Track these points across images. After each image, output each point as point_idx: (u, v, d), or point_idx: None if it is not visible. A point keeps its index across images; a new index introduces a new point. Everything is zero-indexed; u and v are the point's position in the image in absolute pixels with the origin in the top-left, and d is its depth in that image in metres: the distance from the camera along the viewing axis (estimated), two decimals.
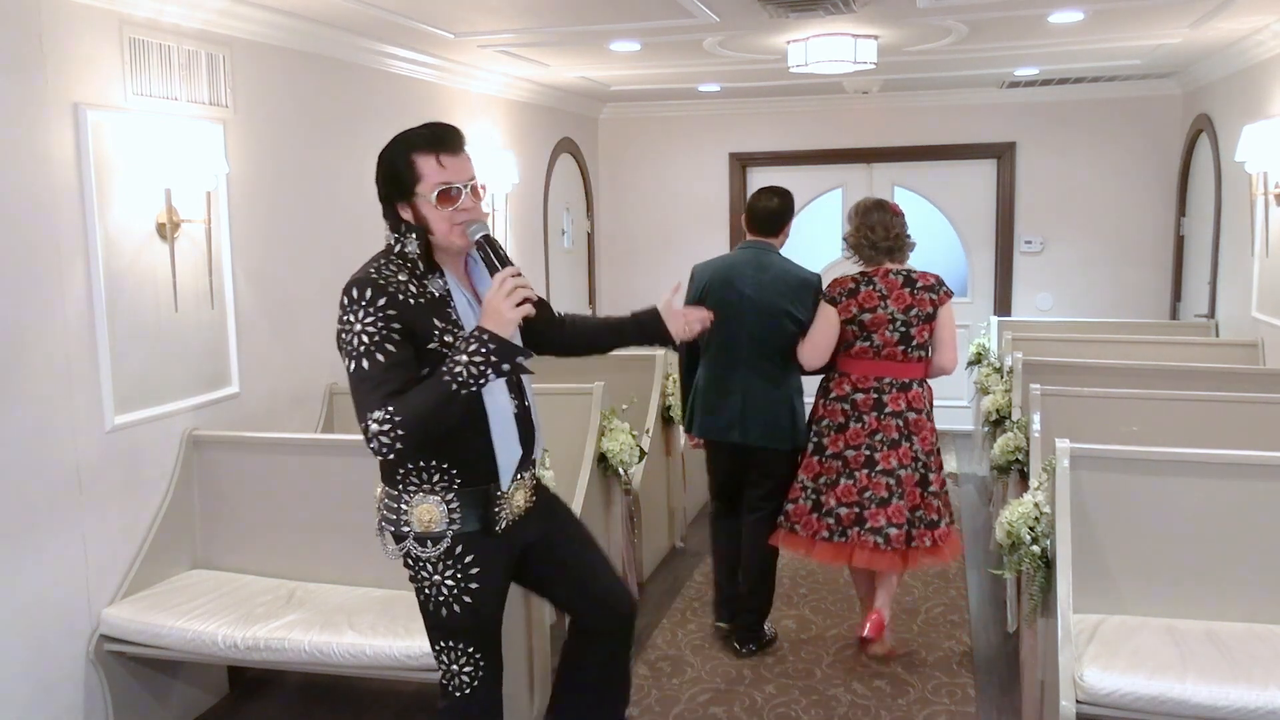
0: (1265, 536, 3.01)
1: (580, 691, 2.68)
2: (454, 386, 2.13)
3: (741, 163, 7.73)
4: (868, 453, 3.64)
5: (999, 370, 5.48)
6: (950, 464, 6.75)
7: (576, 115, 7.35)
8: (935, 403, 3.80)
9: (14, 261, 2.92)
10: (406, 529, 2.34)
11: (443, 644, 2.42)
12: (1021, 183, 7.27)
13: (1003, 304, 7.35)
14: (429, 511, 2.31)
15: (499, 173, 5.83)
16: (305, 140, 4.27)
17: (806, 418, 3.83)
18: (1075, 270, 7.22)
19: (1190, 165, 6.60)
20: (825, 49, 4.88)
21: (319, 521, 3.55)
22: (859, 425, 3.65)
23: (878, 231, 3.66)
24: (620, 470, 4.14)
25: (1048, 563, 3.01)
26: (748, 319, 3.73)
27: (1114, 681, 2.65)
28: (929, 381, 3.71)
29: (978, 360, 6.24)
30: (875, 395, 3.63)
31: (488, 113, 5.94)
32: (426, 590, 2.38)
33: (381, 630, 3.05)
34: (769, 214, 3.81)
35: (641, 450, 4.29)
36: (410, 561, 2.38)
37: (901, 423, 3.63)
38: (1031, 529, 3.06)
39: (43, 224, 3.01)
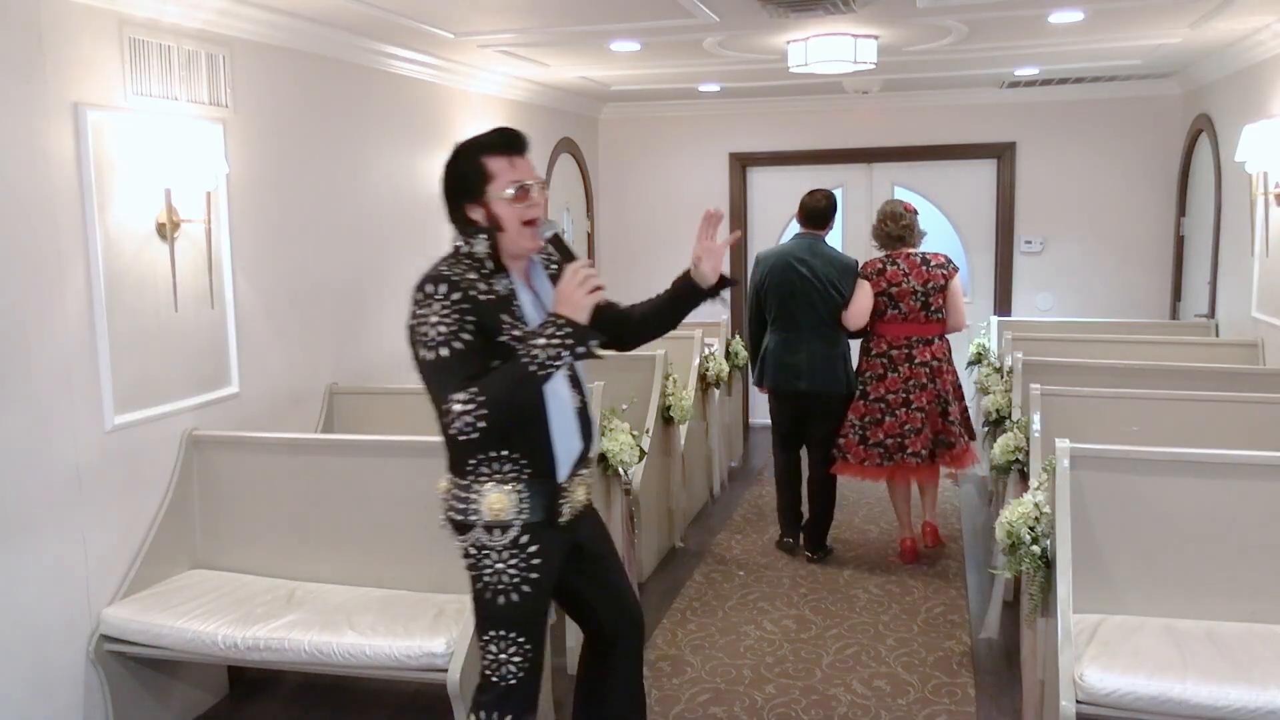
0: (1265, 536, 3.01)
1: (606, 707, 2.74)
2: (532, 368, 2.24)
3: (741, 163, 7.73)
4: (904, 395, 4.70)
5: (999, 370, 5.47)
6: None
7: (576, 115, 7.35)
8: None
9: (14, 261, 2.92)
10: (475, 518, 2.41)
11: (494, 633, 2.46)
12: (1021, 183, 7.27)
13: (1003, 304, 7.34)
14: (500, 500, 2.39)
15: None
16: (305, 140, 4.27)
17: (854, 369, 4.89)
18: (1075, 270, 7.21)
19: (1190, 165, 6.60)
20: (825, 49, 4.88)
21: (319, 521, 3.55)
22: (895, 375, 4.71)
23: (888, 224, 4.77)
24: (620, 470, 4.14)
25: (1048, 563, 3.01)
26: (807, 294, 4.75)
27: (1114, 681, 2.65)
28: (946, 337, 4.80)
29: (978, 360, 6.23)
30: (906, 350, 4.70)
31: (488, 113, 5.94)
32: (486, 578, 2.43)
33: (381, 630, 3.04)
34: (819, 211, 4.87)
35: (641, 450, 4.29)
36: (473, 550, 2.43)
37: (928, 370, 4.70)
38: (1031, 529, 3.06)
39: (43, 224, 3.01)
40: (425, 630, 3.02)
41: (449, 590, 3.30)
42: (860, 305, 4.68)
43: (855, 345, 4.95)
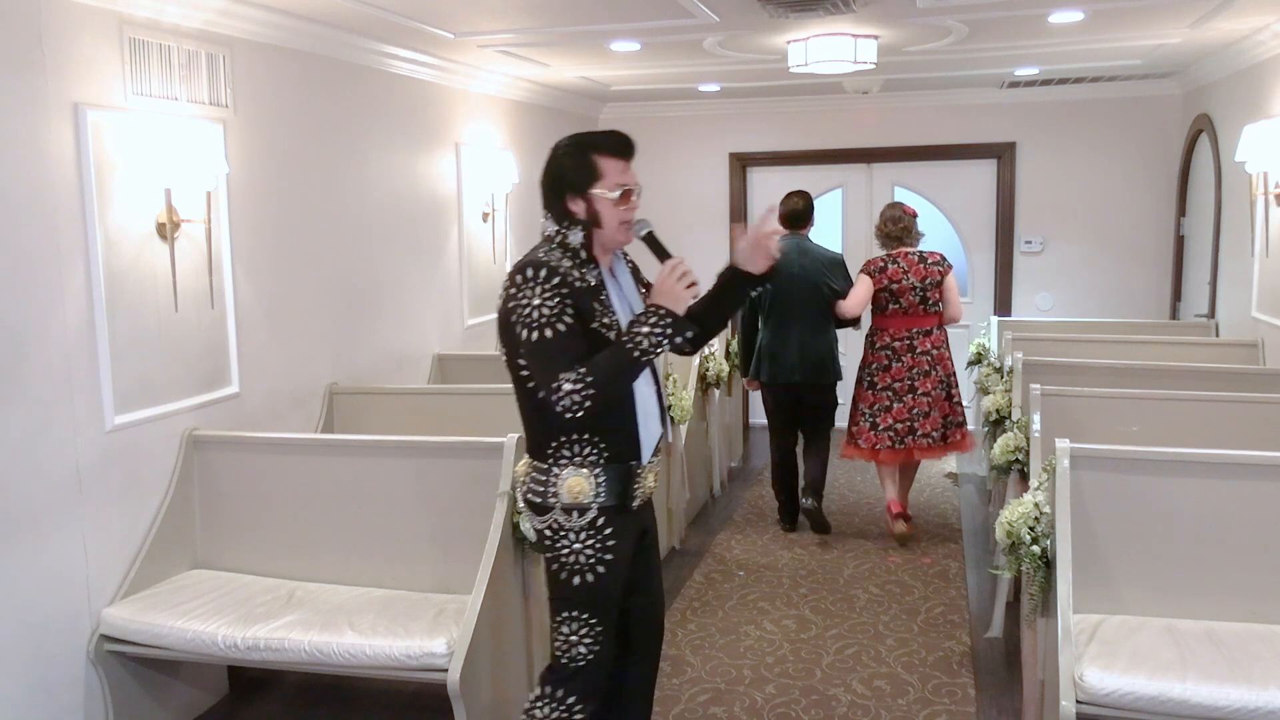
0: (1265, 536, 3.01)
1: (618, 711, 2.77)
2: (636, 354, 2.39)
3: (741, 163, 7.73)
4: (909, 382, 5.12)
5: (999, 370, 5.47)
6: (950, 464, 6.77)
7: (577, 115, 7.34)
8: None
9: (14, 261, 2.92)
10: (554, 500, 2.50)
11: (568, 614, 2.53)
12: (1021, 183, 7.27)
13: (1003, 304, 7.34)
14: (579, 484, 2.48)
15: (499, 173, 5.83)
16: (305, 140, 4.27)
17: (839, 359, 5.32)
18: (1075, 270, 7.21)
19: (1190, 165, 6.60)
20: (825, 49, 4.88)
21: (319, 521, 3.55)
22: (899, 365, 5.13)
23: (889, 226, 5.17)
24: None
25: (1048, 563, 3.01)
26: (797, 291, 5.12)
27: (1114, 682, 2.65)
28: (945, 327, 5.22)
29: (978, 360, 6.23)
30: (908, 342, 5.12)
31: (488, 113, 5.94)
32: (563, 558, 2.52)
33: (381, 630, 3.04)
34: (796, 212, 5.24)
35: None
36: (550, 532, 2.52)
37: (929, 358, 5.13)
38: (1031, 529, 3.06)
39: (43, 224, 3.01)
40: (425, 630, 3.02)
41: (449, 590, 3.31)
42: (858, 296, 5.12)
43: (841, 335, 5.41)
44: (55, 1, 3.04)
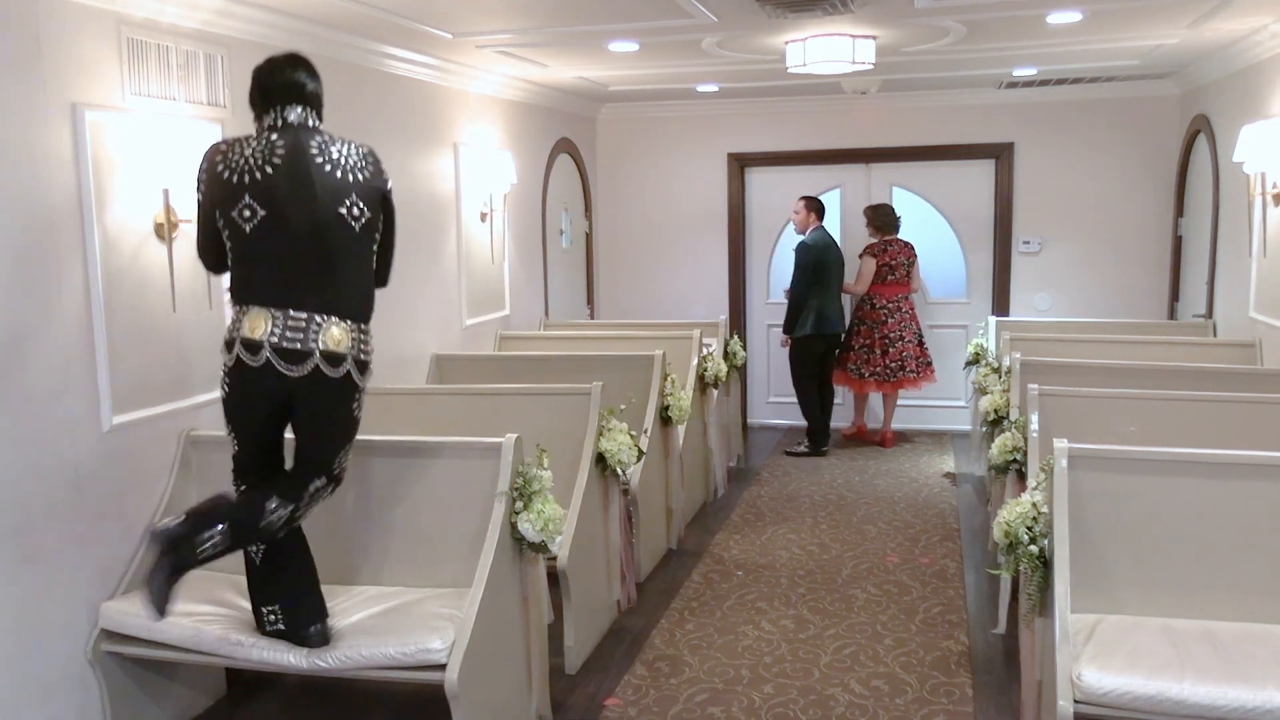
0: (1264, 536, 3.01)
1: None
2: None
3: (740, 163, 7.74)
4: (899, 332, 7.06)
5: (997, 370, 5.48)
6: (949, 464, 6.79)
7: (575, 115, 7.35)
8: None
9: (13, 261, 2.92)
10: (369, 358, 3.02)
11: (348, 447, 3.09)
12: (1020, 183, 7.27)
13: (1001, 304, 7.35)
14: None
15: (497, 173, 5.83)
16: None
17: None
18: (1074, 270, 7.22)
19: (1188, 165, 6.61)
20: (823, 49, 4.89)
21: (316, 521, 3.52)
22: (892, 320, 7.05)
23: (882, 217, 7.09)
24: (618, 470, 4.14)
25: (1045, 562, 3.02)
26: (838, 267, 6.99)
27: (1111, 681, 2.65)
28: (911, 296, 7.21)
29: (976, 360, 6.25)
30: (895, 304, 7.08)
31: (486, 113, 5.94)
32: (358, 406, 3.04)
33: (379, 630, 3.04)
34: (824, 209, 7.07)
35: (640, 450, 4.29)
36: (361, 387, 3.00)
37: (907, 316, 7.10)
38: (1029, 529, 3.06)
39: (41, 224, 3.01)
40: (423, 630, 3.01)
41: (447, 589, 3.31)
42: (866, 275, 7.05)
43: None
44: (53, 2, 3.04)
